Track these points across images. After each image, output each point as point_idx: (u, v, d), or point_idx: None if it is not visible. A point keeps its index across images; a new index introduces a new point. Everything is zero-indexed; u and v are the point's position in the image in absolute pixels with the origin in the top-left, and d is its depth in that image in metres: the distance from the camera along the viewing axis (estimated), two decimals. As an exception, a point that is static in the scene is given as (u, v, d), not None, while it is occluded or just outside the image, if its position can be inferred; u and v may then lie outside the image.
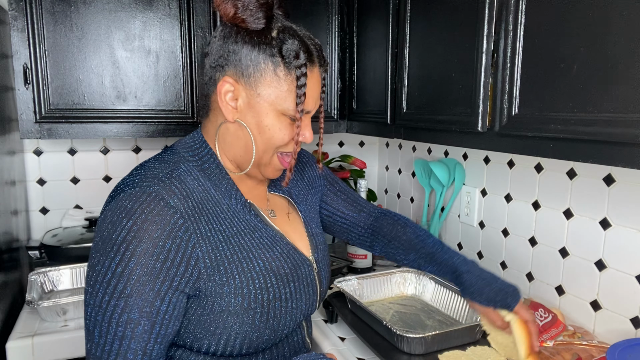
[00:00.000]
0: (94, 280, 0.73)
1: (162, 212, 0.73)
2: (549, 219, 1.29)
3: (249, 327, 0.81)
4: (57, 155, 1.75)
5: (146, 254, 0.71)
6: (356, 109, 1.64)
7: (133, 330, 0.71)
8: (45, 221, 1.76)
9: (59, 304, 1.27)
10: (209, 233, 0.78)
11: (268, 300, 0.82)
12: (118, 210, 0.74)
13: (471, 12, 1.04)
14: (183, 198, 0.77)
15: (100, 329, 0.72)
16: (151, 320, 0.72)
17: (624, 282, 1.10)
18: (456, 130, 1.12)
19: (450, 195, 1.68)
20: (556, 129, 0.85)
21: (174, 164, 0.82)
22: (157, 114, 1.50)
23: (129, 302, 0.71)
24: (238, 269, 0.80)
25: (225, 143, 0.86)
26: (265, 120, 0.82)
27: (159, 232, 0.72)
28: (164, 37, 1.48)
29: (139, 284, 0.71)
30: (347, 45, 1.66)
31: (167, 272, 0.73)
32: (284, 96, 0.80)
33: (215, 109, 0.85)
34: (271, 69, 0.79)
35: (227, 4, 0.79)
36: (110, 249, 0.72)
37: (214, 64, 0.82)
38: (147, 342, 0.72)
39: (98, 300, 0.72)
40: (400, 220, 1.12)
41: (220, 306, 0.78)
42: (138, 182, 0.77)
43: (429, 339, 1.03)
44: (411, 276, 1.37)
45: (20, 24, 1.33)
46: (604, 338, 1.13)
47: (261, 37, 0.79)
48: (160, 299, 0.73)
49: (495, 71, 0.99)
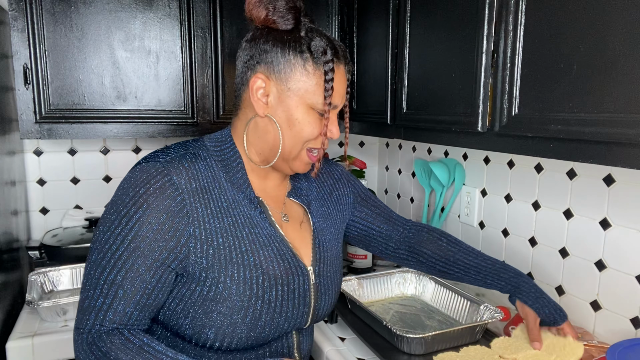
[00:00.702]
0: (98, 241, 0.80)
1: (164, 186, 0.79)
2: (549, 219, 1.29)
3: (228, 319, 0.83)
4: (57, 156, 1.75)
5: (145, 224, 0.78)
6: (356, 109, 1.64)
7: (116, 293, 0.77)
8: (45, 221, 1.76)
9: (59, 304, 1.27)
10: (206, 217, 0.82)
11: (250, 297, 0.84)
12: (129, 180, 0.81)
13: (471, 13, 1.04)
14: (188, 178, 0.82)
15: (91, 283, 0.78)
16: (135, 287, 0.78)
17: (624, 282, 1.10)
18: (456, 130, 1.12)
19: (450, 196, 1.68)
20: (556, 129, 0.85)
21: (194, 149, 0.88)
22: (157, 114, 1.50)
23: (118, 265, 0.77)
24: (226, 257, 0.83)
25: (254, 137, 0.90)
26: (295, 114, 0.86)
27: (157, 204, 0.78)
28: (164, 37, 1.48)
29: (133, 253, 0.77)
30: (347, 45, 1.65)
31: (158, 244, 0.78)
32: (313, 90, 0.85)
33: (246, 107, 0.89)
34: (300, 64, 0.84)
35: (259, 8, 0.85)
36: (116, 215, 0.79)
37: (245, 64, 0.87)
38: (126, 307, 0.78)
39: (98, 261, 0.79)
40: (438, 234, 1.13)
41: (203, 291, 0.82)
42: (153, 157, 0.84)
43: (429, 339, 1.03)
44: (411, 276, 1.37)
45: (20, 24, 1.33)
46: (604, 338, 1.13)
47: (290, 36, 0.85)
48: (147, 269, 0.78)
49: (495, 71, 0.99)
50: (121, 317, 0.77)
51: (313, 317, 0.94)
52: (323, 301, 0.95)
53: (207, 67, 1.54)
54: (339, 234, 1.05)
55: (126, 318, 0.78)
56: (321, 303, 0.94)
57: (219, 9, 1.52)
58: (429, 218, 1.76)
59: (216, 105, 1.57)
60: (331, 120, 0.89)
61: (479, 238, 1.56)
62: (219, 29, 1.52)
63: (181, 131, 1.54)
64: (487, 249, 1.52)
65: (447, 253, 1.09)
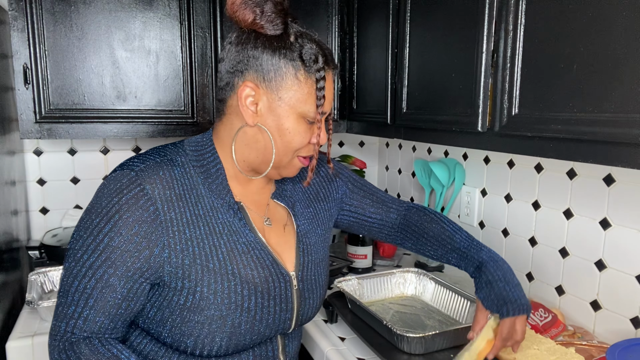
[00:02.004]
0: (72, 249, 0.80)
1: (136, 196, 0.78)
2: (549, 219, 1.29)
3: (207, 328, 0.82)
4: (57, 155, 1.75)
5: (116, 234, 0.77)
6: (356, 109, 1.64)
7: (86, 302, 0.77)
8: (45, 221, 1.76)
9: (59, 304, 1.27)
10: (181, 226, 0.81)
11: (228, 305, 0.82)
12: (103, 189, 0.80)
13: (471, 12, 1.04)
14: (162, 187, 0.80)
15: (64, 291, 0.78)
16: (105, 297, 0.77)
17: (624, 282, 1.10)
18: (456, 130, 1.12)
19: (450, 195, 1.68)
20: (556, 129, 0.85)
21: (171, 155, 0.85)
22: (157, 114, 1.50)
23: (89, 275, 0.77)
24: (203, 266, 0.81)
25: (243, 146, 0.87)
26: (286, 123, 0.83)
27: (129, 214, 0.77)
28: (164, 37, 1.48)
29: (104, 263, 0.77)
30: (347, 45, 1.66)
31: (130, 255, 0.77)
32: (305, 99, 0.83)
33: (231, 113, 0.86)
34: (292, 73, 0.81)
35: (245, 11, 0.80)
36: (89, 224, 0.78)
37: (232, 69, 0.84)
38: (97, 315, 0.78)
39: (68, 266, 0.79)
40: (429, 215, 1.10)
41: (180, 300, 0.81)
42: (127, 165, 0.82)
43: (429, 339, 1.03)
44: (411, 276, 1.37)
45: (20, 24, 1.33)
46: (604, 338, 1.13)
47: (281, 43, 0.81)
48: (118, 279, 0.77)
49: (495, 71, 0.99)
50: (91, 325, 0.77)
51: (297, 321, 0.93)
52: (307, 305, 0.93)
53: (207, 67, 1.54)
54: (325, 234, 1.03)
55: (96, 327, 0.78)
56: (305, 307, 0.93)
57: (219, 9, 1.52)
58: (429, 218, 1.76)
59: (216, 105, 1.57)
60: (321, 127, 0.87)
61: (479, 238, 1.56)
62: (219, 29, 1.52)
63: (181, 131, 1.54)
64: (487, 248, 1.52)
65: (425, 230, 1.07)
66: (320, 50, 0.83)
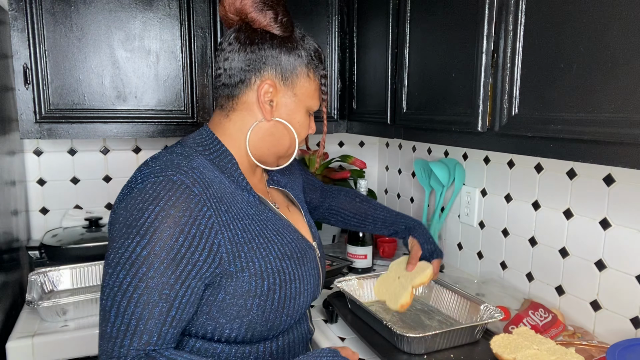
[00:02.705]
0: (116, 262, 0.75)
1: (187, 199, 0.77)
2: (549, 219, 1.29)
3: (269, 308, 0.85)
4: (57, 155, 1.75)
5: (172, 239, 0.75)
6: (356, 109, 1.64)
7: (151, 312, 0.73)
8: (45, 221, 1.76)
9: (59, 304, 1.27)
10: (229, 221, 0.82)
11: (285, 282, 0.87)
12: (143, 197, 0.76)
13: (471, 12, 1.04)
14: (204, 187, 0.80)
15: (117, 309, 0.73)
16: (169, 304, 0.75)
17: (624, 282, 1.10)
18: (456, 130, 1.12)
19: (450, 195, 1.68)
20: (556, 129, 0.85)
21: (189, 156, 0.85)
22: (157, 114, 1.50)
23: (150, 284, 0.73)
24: (257, 253, 0.84)
25: (256, 140, 0.91)
26: (297, 117, 0.92)
27: (185, 219, 0.76)
28: (164, 37, 1.48)
29: (162, 267, 0.74)
30: (347, 45, 1.66)
31: (190, 258, 0.76)
32: (312, 94, 0.93)
33: (244, 109, 0.90)
34: (305, 72, 0.90)
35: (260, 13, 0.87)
36: (136, 232, 0.74)
37: (248, 67, 0.87)
38: (162, 325, 0.75)
39: (119, 281, 0.74)
40: (336, 191, 1.34)
41: (242, 289, 0.82)
42: (159, 171, 0.79)
43: (429, 339, 1.03)
44: (411, 276, 1.37)
45: (20, 24, 1.33)
46: (604, 338, 1.13)
47: (293, 44, 0.89)
48: (181, 283, 0.76)
49: (495, 71, 0.99)
50: (150, 337, 0.74)
51: (322, 287, 1.03)
52: (324, 271, 1.04)
53: (207, 67, 1.54)
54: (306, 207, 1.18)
55: (155, 338, 0.74)
56: (323, 274, 1.04)
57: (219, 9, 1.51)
58: (429, 218, 1.76)
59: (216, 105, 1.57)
60: (312, 118, 0.98)
61: (479, 238, 1.56)
62: (219, 29, 1.52)
63: (181, 131, 1.54)
64: (487, 249, 1.52)
65: (360, 210, 1.30)
66: (320, 50, 0.94)
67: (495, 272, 1.49)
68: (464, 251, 1.63)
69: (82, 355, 1.26)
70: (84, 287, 1.49)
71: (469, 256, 1.61)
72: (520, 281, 1.39)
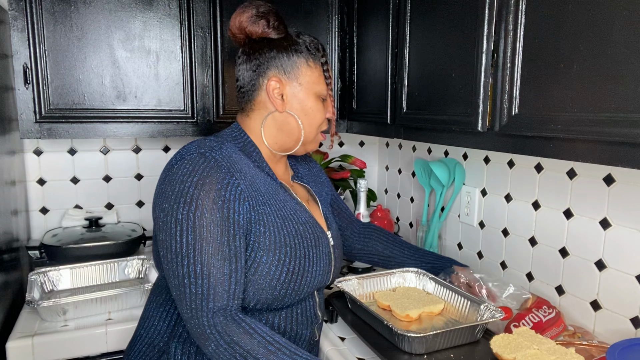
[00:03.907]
0: (176, 229, 0.88)
1: (218, 170, 0.91)
2: (549, 219, 1.29)
3: (278, 279, 0.95)
4: (57, 155, 1.75)
5: (215, 202, 0.89)
6: (356, 109, 1.64)
7: (220, 270, 0.88)
8: (45, 221, 1.76)
9: (59, 304, 1.27)
10: (252, 193, 0.95)
11: (297, 257, 0.97)
12: (182, 171, 0.91)
13: (471, 12, 1.04)
14: (231, 163, 0.94)
15: (193, 272, 0.87)
16: (231, 260, 0.89)
17: (624, 282, 1.10)
18: (456, 130, 1.12)
19: (450, 195, 1.68)
20: (556, 129, 0.85)
21: (220, 142, 0.99)
22: (157, 114, 1.50)
23: (212, 245, 0.87)
24: (274, 226, 0.96)
25: (274, 130, 1.04)
26: (308, 103, 1.03)
27: (219, 185, 0.90)
28: (164, 37, 1.48)
29: (217, 228, 0.88)
30: (347, 45, 1.66)
31: (231, 217, 0.90)
32: (317, 80, 1.04)
33: (260, 108, 1.04)
34: (304, 62, 1.02)
35: (258, 22, 1.00)
36: (184, 202, 0.88)
37: (255, 73, 1.02)
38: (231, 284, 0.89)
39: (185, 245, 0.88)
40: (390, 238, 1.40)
41: (259, 258, 0.93)
42: (195, 150, 0.94)
43: (430, 339, 1.03)
44: (411, 276, 1.37)
45: (20, 24, 1.33)
46: (604, 338, 1.13)
47: (289, 42, 1.02)
48: (233, 240, 0.90)
49: (495, 71, 0.99)
50: (225, 294, 0.87)
51: (333, 276, 1.11)
52: (337, 263, 1.11)
53: (207, 67, 1.54)
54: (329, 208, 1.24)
55: (226, 295, 0.88)
56: (336, 264, 1.11)
57: (219, 8, 1.52)
58: (429, 218, 1.76)
59: (216, 105, 1.57)
60: (330, 103, 1.08)
61: (479, 238, 1.56)
62: (219, 29, 1.52)
63: (181, 131, 1.54)
64: (487, 248, 1.52)
65: (388, 249, 1.38)
66: (318, 42, 1.05)
67: (495, 272, 1.49)
68: (464, 251, 1.63)
69: (82, 355, 1.27)
70: (84, 287, 1.50)
71: (469, 256, 1.61)
72: (521, 281, 1.39)
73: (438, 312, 1.21)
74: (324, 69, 1.04)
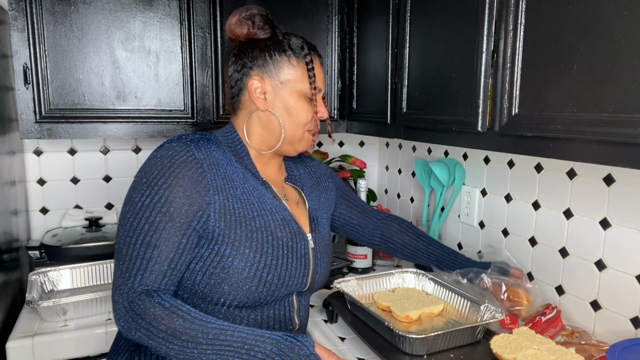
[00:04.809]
0: (130, 210, 0.91)
1: (189, 160, 0.92)
2: (549, 219, 1.29)
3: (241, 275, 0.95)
4: (57, 155, 1.75)
5: (173, 191, 0.90)
6: (356, 109, 1.64)
7: (152, 254, 0.88)
8: (45, 221, 1.76)
9: (59, 304, 1.27)
10: (223, 187, 0.95)
11: (261, 255, 0.96)
12: (156, 157, 0.94)
13: (471, 12, 1.04)
14: (206, 156, 0.95)
15: (127, 248, 0.89)
16: (168, 248, 0.89)
17: (624, 282, 1.10)
18: (456, 130, 1.12)
19: (450, 195, 1.68)
20: (556, 129, 0.85)
21: (206, 136, 1.01)
22: (157, 114, 1.50)
23: (152, 229, 0.89)
24: (242, 222, 0.96)
25: (258, 128, 1.05)
26: (291, 101, 1.02)
27: (186, 176, 0.91)
28: (164, 37, 1.48)
29: (164, 216, 0.89)
30: (347, 45, 1.66)
31: (185, 209, 0.91)
32: (300, 79, 1.02)
33: (245, 107, 1.05)
34: (286, 60, 1.01)
35: (241, 27, 1.03)
36: (147, 183, 0.91)
37: (240, 73, 1.03)
38: (161, 266, 0.89)
39: (130, 226, 0.90)
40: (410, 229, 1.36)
41: (221, 249, 0.94)
42: (175, 140, 0.97)
43: (431, 340, 1.03)
44: (410, 276, 1.37)
45: (20, 24, 1.33)
46: (604, 338, 1.13)
47: (272, 41, 1.02)
48: (176, 230, 0.90)
49: (495, 71, 0.99)
50: (156, 276, 0.88)
51: (311, 281, 1.07)
52: (320, 268, 1.09)
53: (207, 67, 1.54)
54: (327, 217, 1.21)
55: (160, 277, 0.89)
56: (317, 269, 1.08)
57: (219, 8, 1.52)
58: (429, 218, 1.76)
59: (216, 105, 1.57)
60: (319, 102, 1.06)
61: (479, 238, 1.56)
62: (219, 29, 1.52)
63: (181, 131, 1.53)
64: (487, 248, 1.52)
65: (412, 242, 1.34)
66: (304, 41, 1.04)
67: (495, 272, 1.49)
68: (464, 251, 1.63)
69: (82, 355, 1.26)
70: (84, 287, 1.50)
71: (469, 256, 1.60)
72: (520, 281, 1.38)
73: (438, 312, 1.21)
74: (308, 68, 1.02)
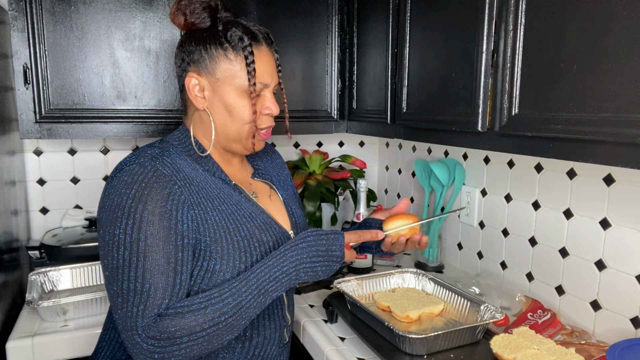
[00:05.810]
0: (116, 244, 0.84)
1: (158, 179, 0.86)
2: (549, 219, 1.29)
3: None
4: (57, 155, 1.75)
5: (153, 214, 0.84)
6: (356, 109, 1.64)
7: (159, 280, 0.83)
8: (45, 221, 1.76)
9: (59, 304, 1.27)
10: (199, 200, 0.91)
11: (251, 263, 0.93)
12: (120, 184, 0.86)
13: (471, 12, 1.04)
14: (174, 171, 0.90)
15: (129, 285, 0.83)
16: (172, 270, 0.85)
17: (624, 282, 1.10)
18: (456, 130, 1.12)
19: (450, 195, 1.68)
20: (556, 129, 0.85)
21: (164, 148, 0.95)
22: (157, 114, 1.50)
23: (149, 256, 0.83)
24: (226, 232, 0.92)
25: (202, 128, 0.99)
26: (229, 99, 0.95)
27: (159, 196, 0.85)
28: (164, 37, 1.48)
29: (156, 240, 0.84)
30: (347, 45, 1.66)
31: (173, 229, 0.86)
32: (239, 74, 0.94)
33: (190, 106, 1.00)
34: (222, 54, 0.93)
35: (178, 16, 0.94)
36: (121, 215, 0.84)
37: (179, 69, 0.97)
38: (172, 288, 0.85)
39: (122, 261, 0.83)
40: None
41: (212, 266, 0.90)
42: (134, 160, 0.90)
43: (432, 340, 1.03)
44: (410, 276, 1.37)
45: (20, 24, 1.33)
46: (604, 338, 1.13)
47: (209, 32, 0.94)
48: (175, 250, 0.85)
49: (495, 71, 0.99)
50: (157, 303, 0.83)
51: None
52: None
53: (207, 67, 1.53)
54: (298, 205, 1.19)
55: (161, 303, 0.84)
56: None
57: (219, 8, 1.51)
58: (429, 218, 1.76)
59: (216, 105, 1.57)
60: (268, 98, 0.98)
61: (479, 238, 1.56)
62: (219, 29, 1.52)
63: (181, 131, 1.53)
64: (487, 248, 1.52)
65: None
66: (245, 31, 0.94)
67: (495, 272, 1.49)
68: (464, 251, 1.63)
69: (82, 355, 1.26)
70: (84, 287, 1.49)
71: (469, 256, 1.61)
72: (521, 281, 1.39)
73: (438, 312, 1.21)
74: (247, 61, 0.93)
